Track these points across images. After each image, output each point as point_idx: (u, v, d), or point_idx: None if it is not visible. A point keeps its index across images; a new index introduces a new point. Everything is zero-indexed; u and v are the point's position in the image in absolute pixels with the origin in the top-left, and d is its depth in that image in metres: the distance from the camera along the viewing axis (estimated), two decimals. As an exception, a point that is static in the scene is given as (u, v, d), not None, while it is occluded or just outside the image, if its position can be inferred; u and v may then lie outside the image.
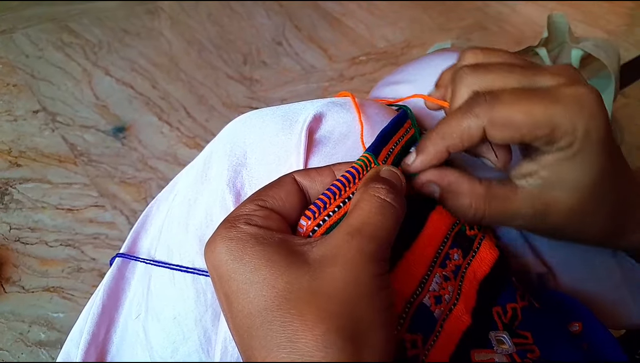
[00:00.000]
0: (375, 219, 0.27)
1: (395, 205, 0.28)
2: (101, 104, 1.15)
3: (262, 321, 0.23)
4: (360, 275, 0.24)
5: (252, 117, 0.40)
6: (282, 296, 0.23)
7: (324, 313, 0.23)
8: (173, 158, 1.06)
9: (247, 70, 1.29)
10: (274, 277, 0.24)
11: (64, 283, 0.84)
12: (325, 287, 0.24)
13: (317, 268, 0.24)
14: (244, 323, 0.24)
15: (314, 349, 0.22)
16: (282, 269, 0.24)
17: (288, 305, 0.23)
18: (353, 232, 0.26)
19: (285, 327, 0.23)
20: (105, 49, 1.29)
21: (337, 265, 0.24)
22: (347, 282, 0.24)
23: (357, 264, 0.25)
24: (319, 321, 0.22)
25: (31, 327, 0.78)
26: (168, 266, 0.37)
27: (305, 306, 0.23)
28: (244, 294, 0.24)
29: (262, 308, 0.24)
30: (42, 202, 0.94)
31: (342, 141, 0.37)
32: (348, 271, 0.24)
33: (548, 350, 0.35)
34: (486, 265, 0.37)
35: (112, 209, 0.95)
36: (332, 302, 0.23)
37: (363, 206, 0.27)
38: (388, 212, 0.27)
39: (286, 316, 0.23)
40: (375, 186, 0.28)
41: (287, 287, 0.24)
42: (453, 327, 0.33)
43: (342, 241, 0.25)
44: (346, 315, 0.23)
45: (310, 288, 0.24)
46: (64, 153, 1.03)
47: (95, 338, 0.38)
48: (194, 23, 1.42)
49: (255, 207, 0.28)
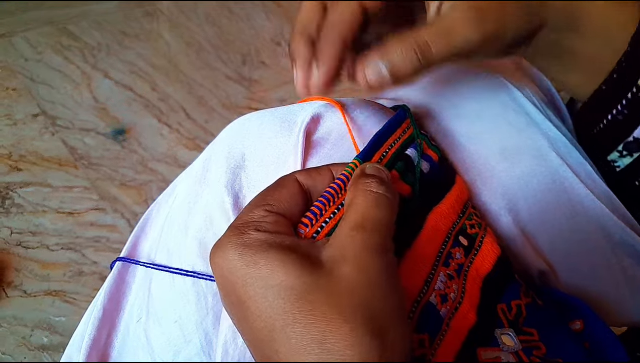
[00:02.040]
0: (372, 213, 0.27)
1: (388, 195, 0.28)
2: (100, 106, 1.15)
3: (284, 324, 0.24)
4: (370, 269, 0.25)
5: (249, 119, 0.40)
6: (302, 299, 0.24)
7: (346, 311, 0.23)
8: (173, 160, 1.06)
9: (246, 71, 1.29)
10: (291, 280, 0.24)
11: (65, 286, 0.84)
12: (341, 287, 0.24)
13: (331, 269, 0.25)
14: (263, 327, 0.24)
15: (344, 347, 0.22)
16: (298, 272, 0.25)
17: (309, 306, 0.23)
18: (356, 227, 0.26)
19: (309, 329, 0.23)
20: (104, 52, 1.29)
21: (347, 264, 0.25)
22: (360, 279, 0.24)
23: (365, 259, 0.25)
24: (343, 320, 0.23)
25: (33, 331, 0.78)
26: (168, 269, 0.37)
27: (327, 307, 0.23)
28: (262, 298, 0.24)
29: (282, 311, 0.24)
30: (43, 206, 0.94)
31: (339, 142, 0.37)
32: (358, 267, 0.25)
33: (553, 346, 0.35)
34: (488, 263, 0.37)
35: (113, 212, 0.95)
36: (352, 300, 0.24)
37: (358, 202, 0.28)
38: (383, 203, 0.28)
39: (309, 318, 0.23)
40: (365, 182, 0.29)
41: (305, 289, 0.24)
42: (459, 325, 0.33)
43: (346, 239, 0.26)
44: (367, 311, 0.23)
45: (329, 288, 0.24)
46: (64, 156, 1.03)
47: (97, 342, 0.38)
48: (193, 25, 1.42)
49: (264, 213, 0.28)
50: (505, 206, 0.41)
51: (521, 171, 0.41)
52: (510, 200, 0.41)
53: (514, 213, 0.41)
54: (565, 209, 0.41)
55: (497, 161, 0.42)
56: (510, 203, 0.41)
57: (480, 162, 0.42)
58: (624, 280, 0.41)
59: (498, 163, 0.41)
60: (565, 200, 0.40)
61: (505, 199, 0.41)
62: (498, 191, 0.41)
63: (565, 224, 0.41)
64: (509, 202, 0.41)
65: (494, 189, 0.41)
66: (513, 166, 0.41)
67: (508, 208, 0.41)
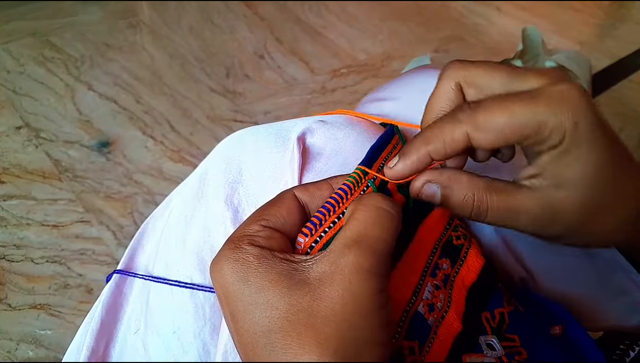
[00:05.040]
0: (372, 230, 0.26)
1: (392, 211, 0.27)
2: (85, 119, 1.15)
3: (265, 342, 0.24)
4: (359, 293, 0.24)
5: (245, 134, 0.41)
6: (284, 318, 0.24)
7: (320, 336, 0.23)
8: (158, 172, 1.06)
9: (231, 83, 1.31)
10: (276, 299, 0.25)
11: (51, 300, 0.84)
12: (323, 309, 0.24)
13: (316, 288, 0.25)
14: (249, 342, 0.25)
15: None
16: (284, 290, 0.25)
17: (289, 327, 0.24)
18: (350, 244, 0.26)
19: (285, 350, 0.23)
20: (87, 64, 1.29)
21: (335, 284, 0.24)
22: (344, 302, 0.24)
23: (355, 282, 0.24)
24: (314, 345, 0.23)
25: (19, 345, 0.78)
26: (166, 282, 0.38)
27: (304, 329, 0.23)
28: (249, 315, 0.25)
29: (266, 330, 0.24)
30: (27, 219, 0.94)
31: (333, 157, 0.38)
32: (346, 290, 0.24)
33: (533, 352, 0.37)
34: (473, 273, 0.39)
35: (98, 224, 0.95)
36: (329, 325, 0.23)
37: (358, 217, 0.27)
38: (385, 221, 0.27)
39: (287, 339, 0.23)
40: (369, 195, 0.29)
41: (289, 309, 0.24)
42: (446, 333, 0.35)
43: (338, 255, 0.25)
44: (342, 338, 0.23)
45: (310, 309, 0.24)
46: (48, 168, 1.03)
47: (95, 354, 0.39)
48: (176, 37, 1.43)
49: (259, 227, 0.28)
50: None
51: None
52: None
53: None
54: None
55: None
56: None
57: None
58: (601, 286, 0.43)
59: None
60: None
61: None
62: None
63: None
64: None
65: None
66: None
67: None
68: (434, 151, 0.31)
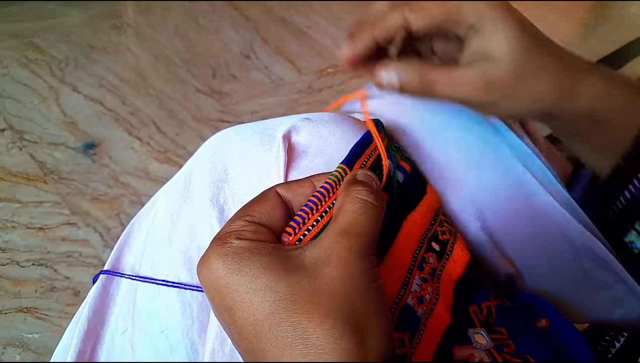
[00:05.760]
0: (360, 219, 0.29)
1: (376, 204, 0.30)
2: (70, 121, 1.14)
3: (270, 324, 0.25)
4: (353, 271, 0.26)
5: (230, 133, 0.41)
6: (286, 299, 0.25)
7: (328, 309, 0.25)
8: (144, 173, 1.06)
9: (217, 84, 1.30)
10: (274, 282, 0.26)
11: (37, 303, 0.83)
12: (324, 286, 0.25)
13: (314, 270, 0.26)
14: (250, 330, 0.26)
15: (325, 342, 0.24)
16: (281, 274, 0.26)
17: (294, 306, 0.25)
18: (342, 232, 0.28)
19: (294, 327, 0.24)
20: (72, 65, 1.28)
21: (332, 265, 0.26)
22: (343, 279, 0.26)
23: (350, 262, 0.27)
24: (325, 317, 0.24)
25: (5, 349, 0.77)
26: (153, 281, 0.38)
27: (310, 305, 0.25)
28: (247, 303, 0.26)
29: (268, 313, 0.25)
30: (12, 222, 0.93)
31: (319, 155, 0.39)
32: (342, 269, 0.26)
33: (521, 343, 0.37)
34: (460, 267, 0.39)
35: (85, 226, 0.94)
36: (333, 299, 0.25)
37: (347, 208, 0.29)
38: (371, 211, 0.29)
39: (294, 317, 0.25)
40: (355, 189, 0.30)
41: (289, 290, 0.25)
42: (435, 325, 0.35)
43: (332, 242, 0.27)
44: (348, 309, 0.25)
45: (312, 288, 0.25)
46: (33, 171, 1.02)
47: (82, 355, 0.39)
48: (161, 38, 1.42)
49: (244, 223, 0.29)
50: (474, 213, 0.43)
51: (487, 180, 0.43)
52: (478, 208, 0.43)
53: (482, 220, 0.43)
54: (529, 216, 0.43)
55: (465, 171, 0.44)
56: (478, 210, 0.43)
57: (449, 172, 0.44)
58: (585, 281, 0.44)
59: (465, 172, 0.44)
60: (528, 207, 0.43)
61: (473, 207, 0.43)
62: (466, 199, 0.43)
63: (529, 230, 0.43)
64: (477, 209, 0.43)
65: (462, 197, 0.44)
66: (480, 175, 0.43)
67: (476, 215, 0.43)
68: (376, 31, 0.38)
